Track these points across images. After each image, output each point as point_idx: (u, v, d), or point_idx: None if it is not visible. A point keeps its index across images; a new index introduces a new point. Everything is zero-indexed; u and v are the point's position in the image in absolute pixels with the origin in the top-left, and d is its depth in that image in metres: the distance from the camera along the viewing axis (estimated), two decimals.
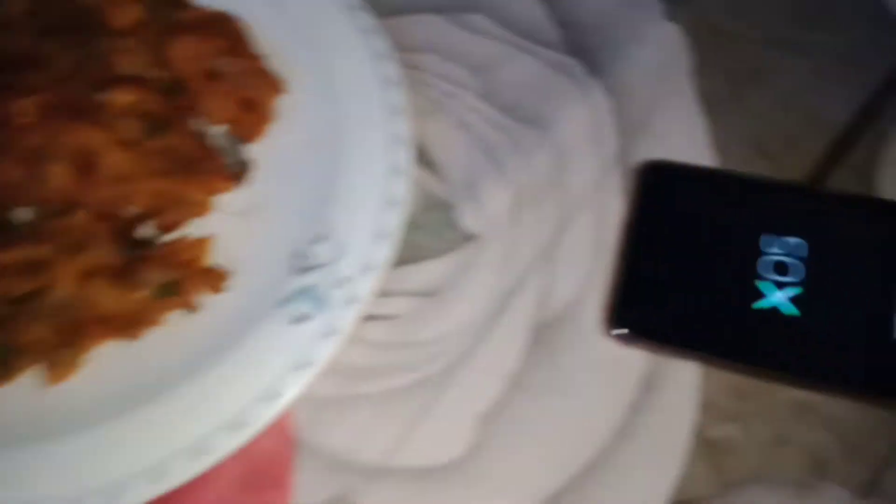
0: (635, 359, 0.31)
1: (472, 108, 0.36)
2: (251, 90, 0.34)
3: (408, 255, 0.33)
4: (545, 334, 0.31)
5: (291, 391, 0.28)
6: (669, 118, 0.35)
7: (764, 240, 0.31)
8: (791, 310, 0.30)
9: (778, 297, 0.30)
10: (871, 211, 0.31)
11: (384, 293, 0.32)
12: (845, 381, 0.28)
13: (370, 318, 0.32)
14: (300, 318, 0.29)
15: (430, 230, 0.34)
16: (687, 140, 0.34)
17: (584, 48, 0.37)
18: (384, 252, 0.30)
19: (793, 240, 0.31)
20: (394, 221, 0.30)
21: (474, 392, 0.31)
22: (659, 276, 0.31)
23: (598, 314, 0.31)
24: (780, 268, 0.31)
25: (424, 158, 0.35)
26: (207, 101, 0.34)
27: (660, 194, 0.33)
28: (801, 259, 0.30)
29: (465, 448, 0.30)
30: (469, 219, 0.34)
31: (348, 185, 0.31)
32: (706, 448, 0.29)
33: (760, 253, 0.31)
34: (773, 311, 0.30)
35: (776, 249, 0.31)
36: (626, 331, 0.30)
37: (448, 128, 0.35)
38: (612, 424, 0.30)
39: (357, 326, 0.30)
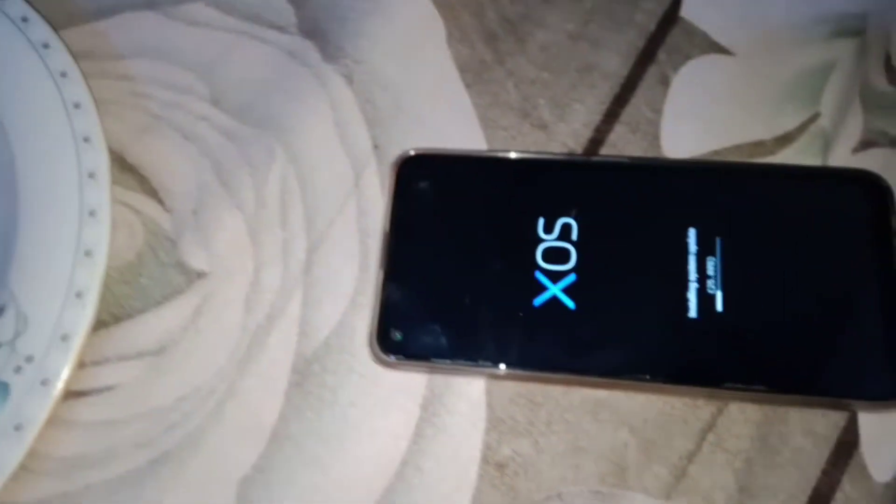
0: (413, 383, 0.26)
1: (200, 116, 0.30)
2: None
3: (124, 309, 0.27)
4: (308, 371, 0.27)
5: None
6: (428, 98, 0.30)
7: (541, 224, 0.27)
8: (568, 302, 0.26)
9: (556, 290, 0.27)
10: (650, 176, 0.28)
11: (96, 361, 0.27)
12: (640, 373, 0.25)
13: (79, 394, 0.26)
14: None
15: (152, 274, 0.28)
16: (451, 120, 0.30)
17: (319, 29, 0.31)
18: (81, 315, 0.24)
19: (564, 220, 0.27)
20: (91, 275, 0.25)
21: (227, 458, 0.26)
22: (429, 285, 0.27)
23: (367, 337, 0.27)
24: (557, 255, 0.27)
25: (145, 186, 0.30)
26: None
27: (421, 189, 0.28)
28: (572, 242, 0.27)
29: None
30: (198, 253, 0.28)
31: (27, 238, 0.25)
32: (496, 471, 0.25)
33: (539, 240, 0.27)
34: (555, 306, 0.26)
35: (553, 234, 0.27)
36: (398, 355, 0.26)
37: (171, 145, 0.30)
38: (393, 460, 0.25)
39: (61, 409, 0.24)
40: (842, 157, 0.28)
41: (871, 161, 0.28)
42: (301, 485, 0.25)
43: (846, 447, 0.25)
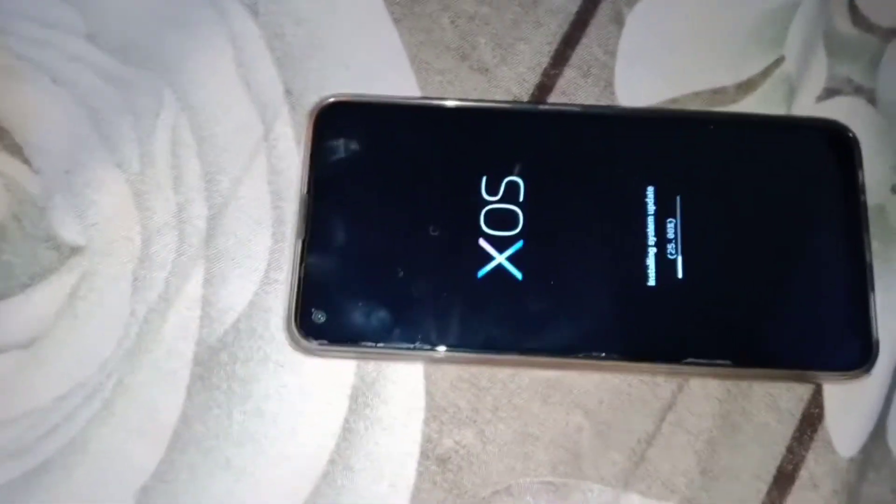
0: (340, 371, 0.23)
1: (74, 56, 0.25)
2: None
3: None
4: (214, 361, 0.23)
5: None
6: (349, 34, 0.26)
7: (484, 183, 0.24)
8: (515, 272, 0.23)
9: (501, 258, 0.24)
10: (605, 127, 0.25)
11: None
12: (595, 350, 0.22)
13: None
14: None
15: (17, 249, 0.23)
16: (377, 61, 0.26)
17: None
18: None
19: (509, 179, 0.24)
20: None
21: (121, 465, 0.22)
22: (355, 256, 0.23)
23: (283, 319, 0.23)
24: (502, 219, 0.24)
25: (6, 141, 0.24)
26: None
27: (344, 144, 0.24)
28: (518, 204, 0.24)
29: None
30: (71, 223, 0.23)
31: None
32: (438, 466, 0.22)
33: (483, 202, 0.24)
34: (500, 277, 0.23)
35: (497, 195, 0.24)
36: (321, 340, 0.22)
37: (38, 91, 0.24)
38: (319, 460, 0.22)
39: None
40: (806, 105, 0.26)
41: (835, 110, 0.26)
42: (211, 493, 0.22)
43: (811, 421, 0.23)
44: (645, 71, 0.26)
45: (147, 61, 0.25)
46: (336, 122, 0.24)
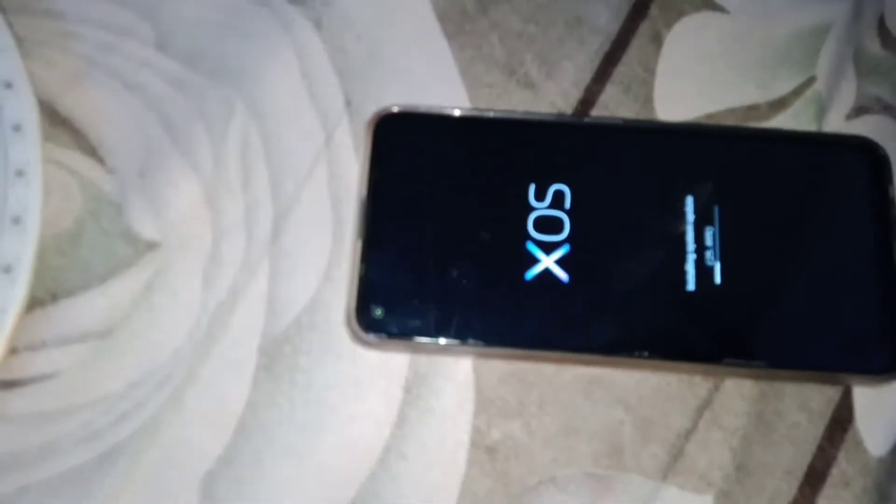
0: (396, 364, 0.24)
1: (143, 62, 0.26)
2: None
3: (63, 285, 0.24)
4: (278, 353, 0.24)
5: None
6: (405, 49, 0.27)
7: (533, 191, 0.25)
8: (562, 275, 0.25)
9: (548, 262, 0.25)
10: (647, 140, 0.26)
11: (31, 346, 0.23)
12: (637, 350, 0.23)
13: (12, 384, 0.23)
14: None
15: (95, 244, 0.24)
16: (430, 74, 0.27)
17: None
18: (10, 292, 0.21)
19: (557, 187, 0.25)
20: (20, 246, 0.22)
21: (189, 451, 0.23)
22: (411, 256, 0.24)
23: (344, 314, 0.24)
24: (550, 224, 0.25)
25: (81, 142, 0.26)
26: None
27: (401, 152, 0.25)
28: (565, 211, 0.25)
29: None
30: (147, 221, 0.25)
31: None
32: (487, 456, 0.24)
33: (531, 208, 0.25)
34: (547, 279, 0.24)
35: (545, 202, 0.25)
36: (378, 334, 0.24)
37: (110, 95, 0.26)
38: (375, 448, 0.23)
39: None
40: (836, 123, 0.27)
41: (864, 128, 0.27)
42: (273, 478, 0.23)
43: (841, 422, 0.24)
44: (682, 88, 0.27)
45: (215, 70, 0.26)
46: (394, 131, 0.26)
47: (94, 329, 0.24)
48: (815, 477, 0.24)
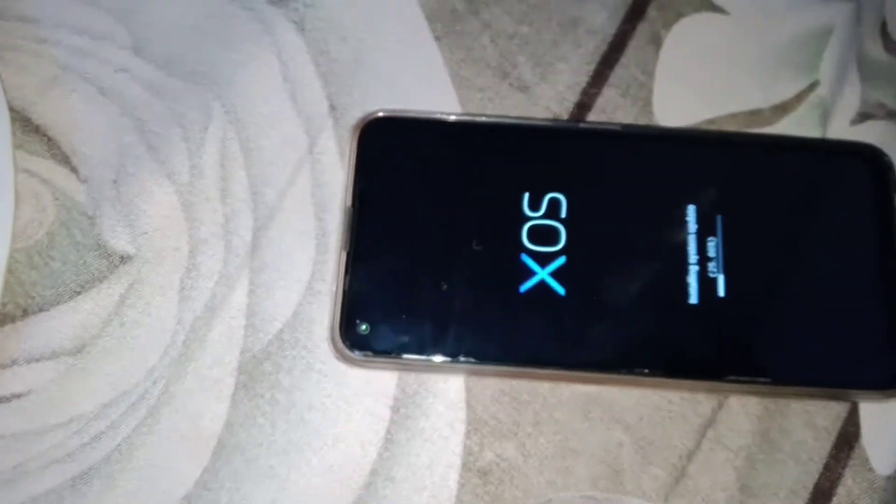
0: (382, 382, 0.23)
1: (119, 67, 0.25)
2: None
3: (34, 300, 0.23)
4: (258, 371, 0.23)
5: None
6: (392, 51, 0.26)
7: (527, 200, 0.24)
8: (558, 288, 0.24)
9: (544, 274, 0.24)
10: (646, 146, 0.25)
11: (0, 364, 0.22)
12: (637, 366, 0.22)
13: None
14: None
15: (67, 257, 0.23)
16: (418, 78, 0.26)
17: None
18: None
19: (552, 195, 0.24)
20: None
21: (165, 473, 0.22)
22: (399, 269, 0.23)
23: (328, 330, 0.23)
24: (545, 234, 0.24)
25: (54, 151, 0.24)
26: None
27: (388, 159, 0.24)
28: (561, 220, 0.24)
29: None
30: (121, 232, 0.24)
31: None
32: (479, 478, 0.22)
33: (525, 218, 0.24)
34: (543, 292, 0.23)
35: (539, 211, 0.24)
36: (364, 351, 0.22)
37: (85, 101, 0.25)
38: (361, 471, 0.22)
39: None
40: (839, 129, 0.26)
41: (868, 134, 0.26)
42: (254, 502, 0.22)
43: (848, 439, 0.23)
44: (683, 91, 0.26)
45: (193, 74, 0.25)
46: (380, 136, 0.24)
47: (65, 346, 0.23)
48: (820, 496, 0.23)
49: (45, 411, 0.22)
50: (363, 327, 0.23)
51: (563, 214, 0.24)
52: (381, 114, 0.25)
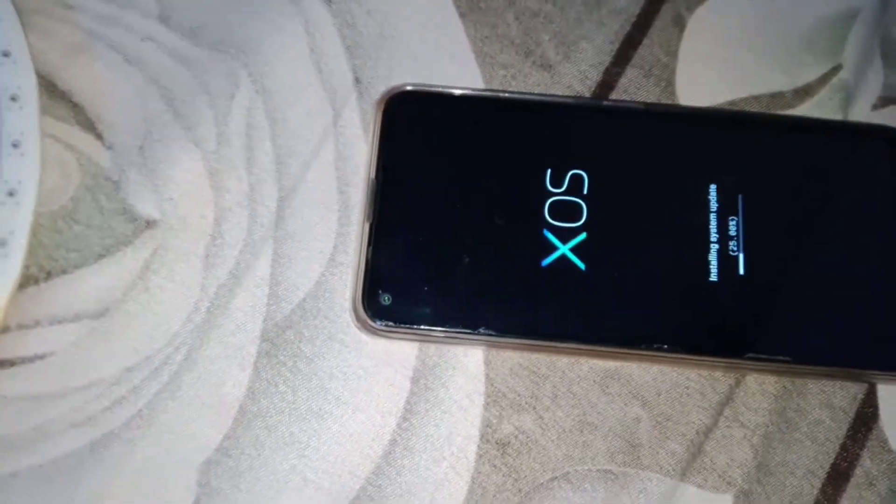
0: (403, 353, 0.23)
1: (144, 35, 0.25)
2: None
3: (58, 262, 0.23)
4: (281, 339, 0.23)
5: None
6: (417, 26, 0.26)
7: (549, 176, 0.24)
8: (578, 263, 0.24)
9: (565, 249, 0.24)
10: (669, 125, 0.25)
11: (23, 325, 0.22)
12: (656, 343, 0.22)
13: (2, 364, 0.22)
14: None
15: (92, 221, 0.23)
16: (442, 53, 0.26)
17: None
18: (3, 267, 0.20)
19: (574, 172, 0.24)
20: (14, 220, 0.20)
21: (185, 439, 0.22)
22: (421, 241, 0.23)
23: (349, 300, 0.23)
24: (566, 210, 0.24)
25: (80, 117, 0.24)
26: None
27: (411, 132, 0.24)
28: (583, 197, 0.24)
29: None
30: (146, 198, 0.24)
31: None
32: (497, 450, 0.23)
33: (547, 194, 0.24)
34: (563, 267, 0.24)
35: (561, 187, 0.24)
36: (386, 321, 0.23)
37: (110, 68, 0.25)
38: (380, 440, 0.22)
39: None
40: (861, 113, 0.26)
41: (890, 118, 0.26)
42: (274, 469, 0.22)
43: (865, 420, 0.23)
44: (705, 73, 0.26)
45: (220, 43, 0.25)
46: (405, 110, 0.25)
47: (88, 309, 0.23)
48: (838, 476, 0.23)
49: (66, 374, 0.22)
50: (385, 298, 0.23)
51: (585, 191, 0.24)
52: (405, 87, 0.25)
